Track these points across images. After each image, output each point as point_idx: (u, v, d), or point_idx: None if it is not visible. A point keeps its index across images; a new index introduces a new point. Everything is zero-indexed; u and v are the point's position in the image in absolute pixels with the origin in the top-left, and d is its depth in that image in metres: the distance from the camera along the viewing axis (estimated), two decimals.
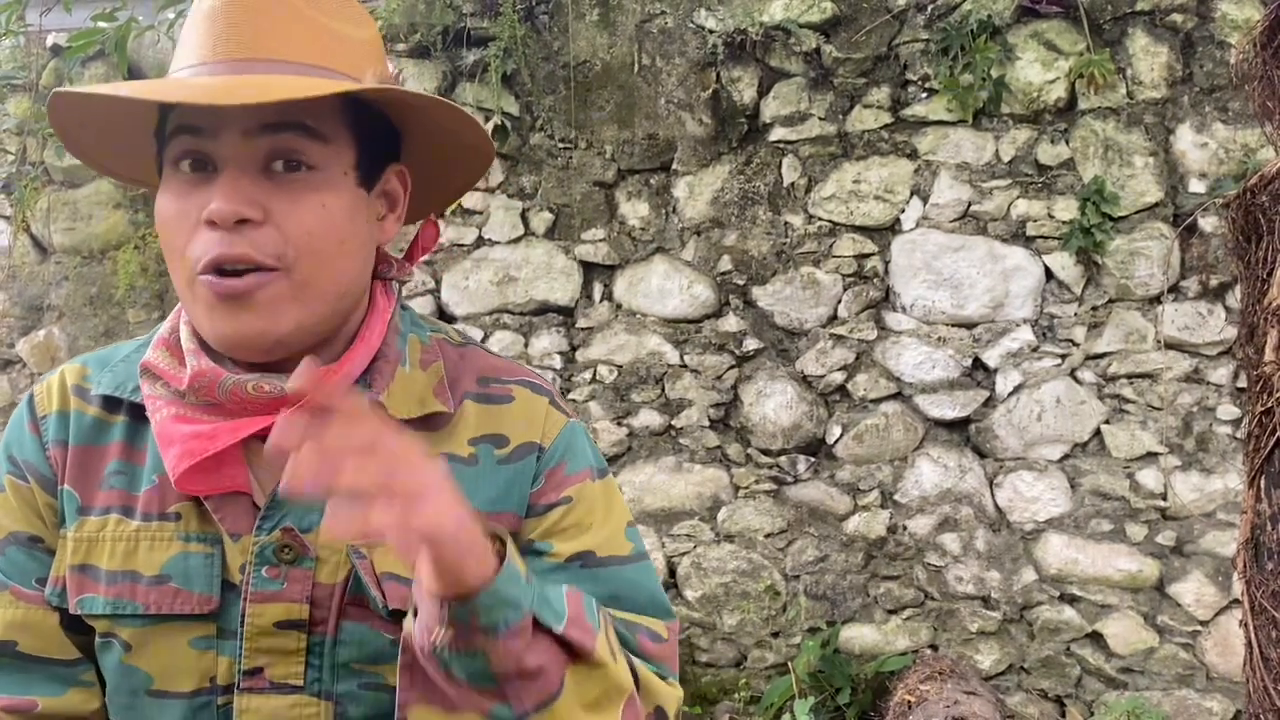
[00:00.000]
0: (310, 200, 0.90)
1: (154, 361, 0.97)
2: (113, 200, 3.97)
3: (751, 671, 3.61)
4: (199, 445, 0.91)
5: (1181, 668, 3.33)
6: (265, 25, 0.89)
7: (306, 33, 0.91)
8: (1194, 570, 3.31)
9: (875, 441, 3.51)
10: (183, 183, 0.90)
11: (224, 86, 0.85)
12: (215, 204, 0.86)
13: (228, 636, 0.93)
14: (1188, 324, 3.31)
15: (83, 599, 0.95)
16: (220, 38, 0.89)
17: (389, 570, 0.93)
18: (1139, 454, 3.35)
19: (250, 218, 0.87)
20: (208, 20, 0.90)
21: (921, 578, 3.50)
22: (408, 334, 1.04)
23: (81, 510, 0.97)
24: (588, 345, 3.71)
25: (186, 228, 0.89)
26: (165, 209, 0.91)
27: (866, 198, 3.51)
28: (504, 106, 3.66)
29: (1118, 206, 3.32)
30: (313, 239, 0.90)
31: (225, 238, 0.87)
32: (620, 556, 1.00)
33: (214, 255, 0.87)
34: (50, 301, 4.06)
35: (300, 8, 0.91)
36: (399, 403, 0.98)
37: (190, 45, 0.91)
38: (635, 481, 3.65)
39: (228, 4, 0.89)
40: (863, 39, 3.49)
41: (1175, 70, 3.33)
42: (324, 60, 0.91)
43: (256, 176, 0.88)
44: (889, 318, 3.52)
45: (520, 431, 1.01)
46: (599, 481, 1.03)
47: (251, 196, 0.87)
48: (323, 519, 0.91)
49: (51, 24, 3.69)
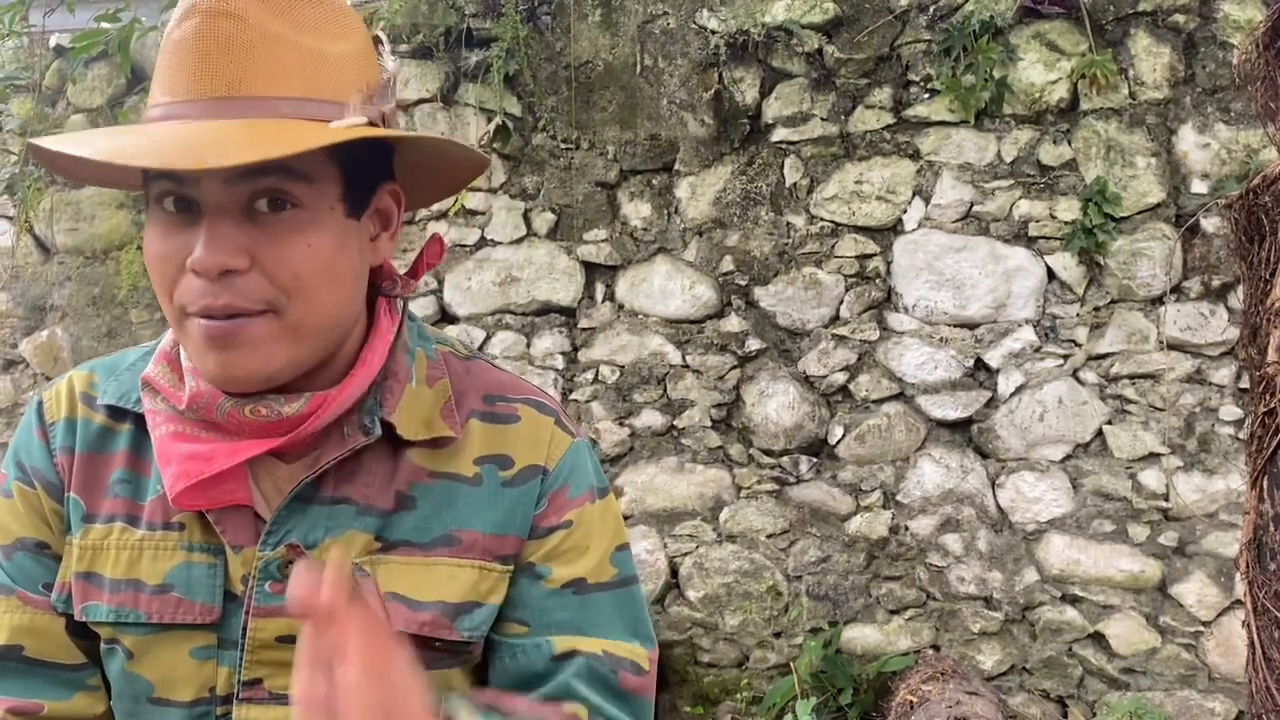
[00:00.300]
0: (296, 242, 0.87)
1: (154, 376, 0.96)
2: (115, 201, 3.98)
3: (753, 672, 3.61)
4: (195, 467, 0.90)
5: (1184, 668, 3.33)
6: (240, 57, 0.85)
7: (284, 60, 0.87)
8: (1196, 571, 3.31)
9: (877, 442, 3.51)
10: (167, 222, 0.88)
11: (197, 141, 0.81)
12: (199, 254, 0.84)
13: (228, 647, 0.93)
14: (1190, 324, 3.31)
15: (87, 606, 0.95)
16: (194, 74, 0.85)
17: (394, 590, 0.93)
18: (1141, 454, 3.35)
19: (235, 268, 0.85)
20: (179, 52, 0.86)
21: (923, 578, 3.50)
22: (415, 349, 1.02)
23: (87, 518, 0.97)
24: (590, 345, 3.72)
25: (171, 271, 0.87)
26: (151, 248, 0.90)
27: (869, 198, 3.51)
28: (506, 107, 3.66)
29: (1120, 207, 3.32)
30: (300, 280, 0.87)
31: (210, 288, 0.85)
32: (604, 583, 1.00)
33: (201, 305, 0.86)
34: (53, 302, 4.07)
35: (277, 31, 0.87)
36: (407, 423, 0.97)
37: (164, 80, 0.87)
38: (637, 482, 3.66)
39: (199, 36, 0.85)
40: (865, 39, 3.49)
41: (1177, 71, 3.33)
42: (305, 89, 0.87)
43: (240, 220, 0.86)
44: (891, 318, 3.52)
45: (525, 454, 1.00)
46: (599, 503, 1.03)
47: (236, 244, 0.85)
48: (327, 535, 0.93)
49: (55, 25, 3.70)
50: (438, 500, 0.97)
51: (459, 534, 0.96)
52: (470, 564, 0.96)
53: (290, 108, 0.86)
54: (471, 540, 0.96)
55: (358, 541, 0.94)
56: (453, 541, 0.96)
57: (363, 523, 0.94)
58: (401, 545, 0.95)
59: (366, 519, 0.94)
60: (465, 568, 0.96)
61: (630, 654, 0.99)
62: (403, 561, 0.95)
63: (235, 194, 0.85)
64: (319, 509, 0.94)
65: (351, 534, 0.94)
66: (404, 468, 0.97)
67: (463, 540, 0.96)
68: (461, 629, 0.95)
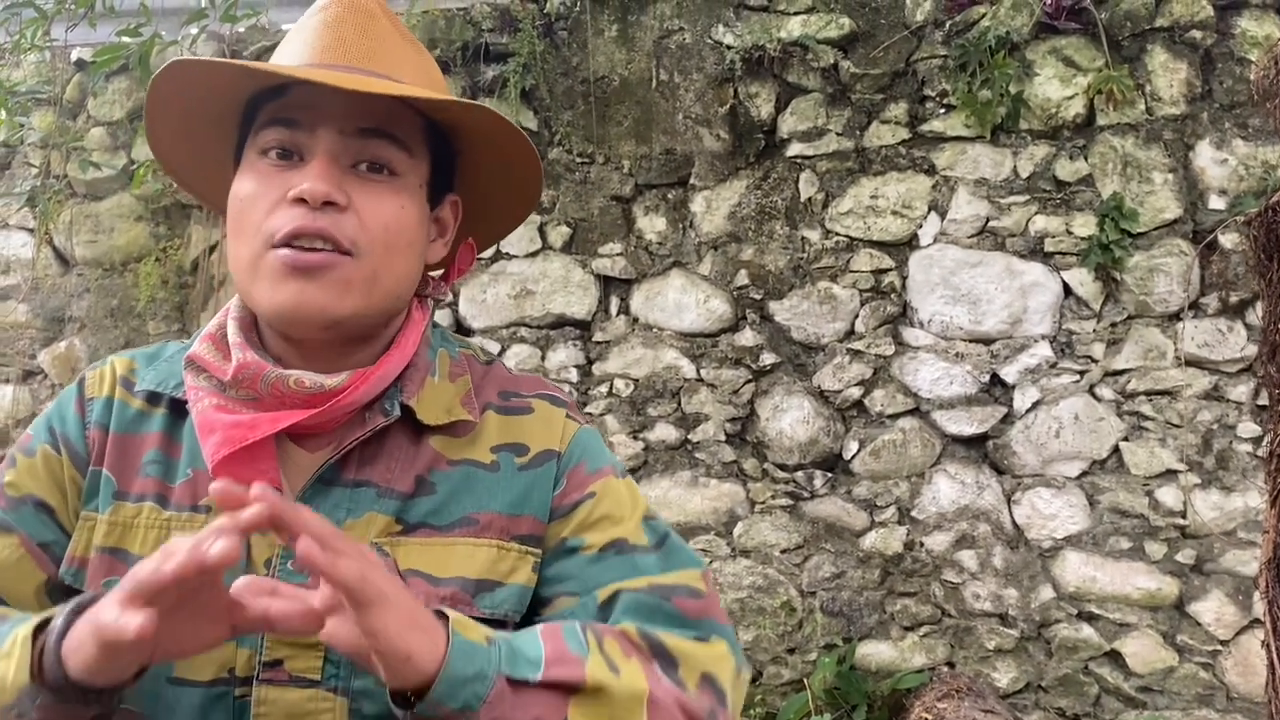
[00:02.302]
0: (390, 200, 0.97)
1: (200, 353, 1.01)
2: (134, 213, 4.01)
3: (767, 688, 3.60)
4: (239, 433, 0.94)
5: (1201, 687, 3.30)
6: (372, 42, 0.99)
7: (404, 52, 1.01)
8: (1214, 589, 3.29)
9: (892, 457, 3.50)
10: (267, 168, 0.96)
11: (348, 78, 0.92)
12: (308, 184, 0.92)
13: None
14: (1208, 341, 3.30)
15: (110, 581, 0.96)
16: (329, 46, 0.98)
17: (413, 568, 0.96)
18: (1158, 471, 3.33)
19: (337, 201, 0.93)
20: (318, 30, 0.99)
21: (938, 594, 3.48)
22: (438, 348, 1.09)
23: (118, 495, 1.00)
24: (604, 359, 3.72)
25: (265, 206, 0.95)
26: (244, 189, 0.97)
27: (884, 213, 3.51)
28: (523, 122, 3.68)
29: (1136, 223, 3.31)
30: (388, 233, 0.96)
31: (309, 213, 0.93)
32: (642, 545, 1.02)
33: (295, 226, 0.93)
34: (72, 313, 4.10)
35: (397, 30, 1.02)
36: (428, 409, 1.02)
37: (298, 49, 1.00)
38: (651, 495, 3.65)
39: (339, 21, 1.00)
40: (881, 55, 3.49)
41: (1195, 86, 3.32)
42: (417, 79, 1.01)
43: (345, 170, 0.95)
44: (906, 333, 3.51)
45: (539, 440, 1.05)
46: (622, 479, 1.06)
47: (340, 184, 0.94)
48: (348, 516, 0.97)
49: (76, 39, 3.73)
50: (456, 485, 1.00)
51: (477, 515, 0.99)
52: (488, 543, 0.99)
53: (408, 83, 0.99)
54: (489, 520, 0.99)
55: (378, 523, 0.97)
56: (471, 523, 0.99)
57: (383, 505, 0.98)
58: (421, 528, 0.98)
59: (387, 501, 0.98)
60: (483, 547, 0.98)
61: (679, 580, 0.99)
62: (421, 543, 0.98)
63: (346, 149, 0.95)
64: (341, 491, 0.98)
65: (371, 515, 0.97)
66: (424, 454, 1.01)
67: (480, 521, 0.99)
68: (482, 606, 0.96)
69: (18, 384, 4.13)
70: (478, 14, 3.72)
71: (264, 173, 0.96)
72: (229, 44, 3.89)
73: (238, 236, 0.97)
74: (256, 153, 0.97)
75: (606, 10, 3.68)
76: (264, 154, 0.97)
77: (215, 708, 0.94)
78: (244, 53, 3.93)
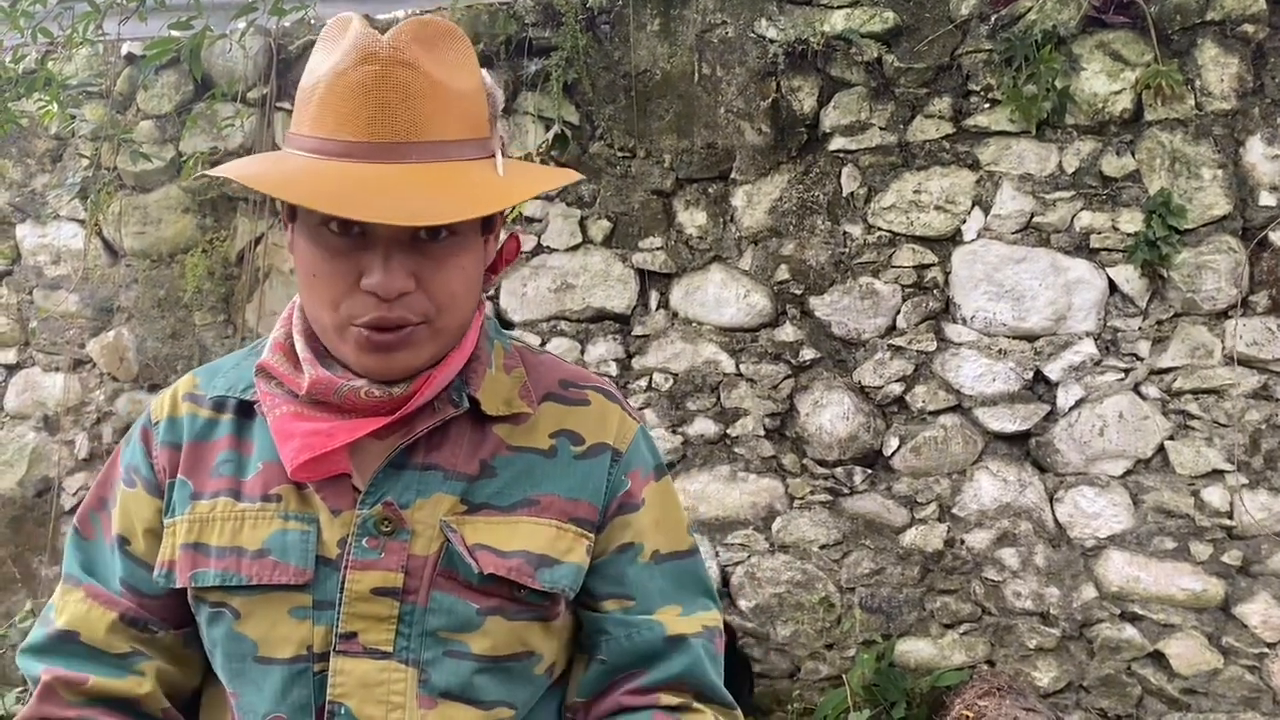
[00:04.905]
0: (453, 265, 1.01)
1: (273, 364, 1.08)
2: (181, 205, 4.06)
3: (805, 683, 3.59)
4: (318, 441, 1.01)
5: (1247, 690, 3.25)
6: (416, 104, 0.95)
7: (448, 105, 0.97)
8: (1261, 591, 3.24)
9: (933, 454, 3.48)
10: (332, 243, 0.98)
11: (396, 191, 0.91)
12: (379, 279, 0.96)
13: (323, 607, 1.02)
14: (1256, 339, 3.25)
15: (196, 573, 1.05)
16: (372, 119, 0.94)
17: (480, 542, 1.03)
18: (1204, 471, 3.29)
19: (407, 291, 0.97)
20: (357, 96, 0.94)
21: (979, 592, 3.46)
22: (494, 340, 1.16)
23: (194, 496, 1.08)
24: (644, 353, 3.73)
25: (340, 287, 0.99)
26: (314, 264, 1.00)
27: (927, 208, 3.48)
28: (565, 115, 3.69)
29: (1184, 219, 3.27)
30: (455, 299, 1.02)
31: (383, 305, 0.97)
32: (683, 551, 1.15)
33: (374, 318, 0.98)
34: (120, 303, 4.16)
35: (439, 78, 0.97)
36: (490, 400, 1.10)
37: (337, 117, 0.95)
38: (690, 490, 3.65)
39: (380, 83, 0.94)
40: (925, 49, 3.47)
41: (1246, 81, 3.27)
42: (463, 130, 0.99)
43: (408, 248, 0.97)
44: (949, 329, 3.49)
45: (595, 432, 1.13)
46: (661, 481, 1.17)
47: (406, 270, 0.97)
48: (418, 497, 1.03)
49: (128, 33, 3.79)
50: (518, 470, 1.08)
51: (537, 496, 1.07)
52: (548, 523, 1.06)
53: (456, 150, 0.98)
54: (549, 502, 1.07)
55: (445, 503, 1.04)
56: (532, 503, 1.06)
57: (449, 487, 1.05)
58: (484, 508, 1.05)
59: (453, 483, 1.05)
60: (544, 526, 1.06)
61: (715, 621, 1.14)
62: (486, 521, 1.05)
63: (408, 229, 0.97)
64: (411, 474, 1.05)
65: (439, 496, 1.05)
66: (488, 441, 1.08)
67: (540, 502, 1.07)
68: (542, 580, 1.04)
69: (68, 372, 4.20)
70: (521, 8, 3.73)
71: (330, 248, 0.98)
72: (275, 38, 3.93)
73: (315, 301, 1.01)
74: (318, 222, 0.98)
75: (649, 4, 3.68)
76: (325, 224, 0.98)
77: (296, 683, 1.01)
78: (290, 46, 3.97)
